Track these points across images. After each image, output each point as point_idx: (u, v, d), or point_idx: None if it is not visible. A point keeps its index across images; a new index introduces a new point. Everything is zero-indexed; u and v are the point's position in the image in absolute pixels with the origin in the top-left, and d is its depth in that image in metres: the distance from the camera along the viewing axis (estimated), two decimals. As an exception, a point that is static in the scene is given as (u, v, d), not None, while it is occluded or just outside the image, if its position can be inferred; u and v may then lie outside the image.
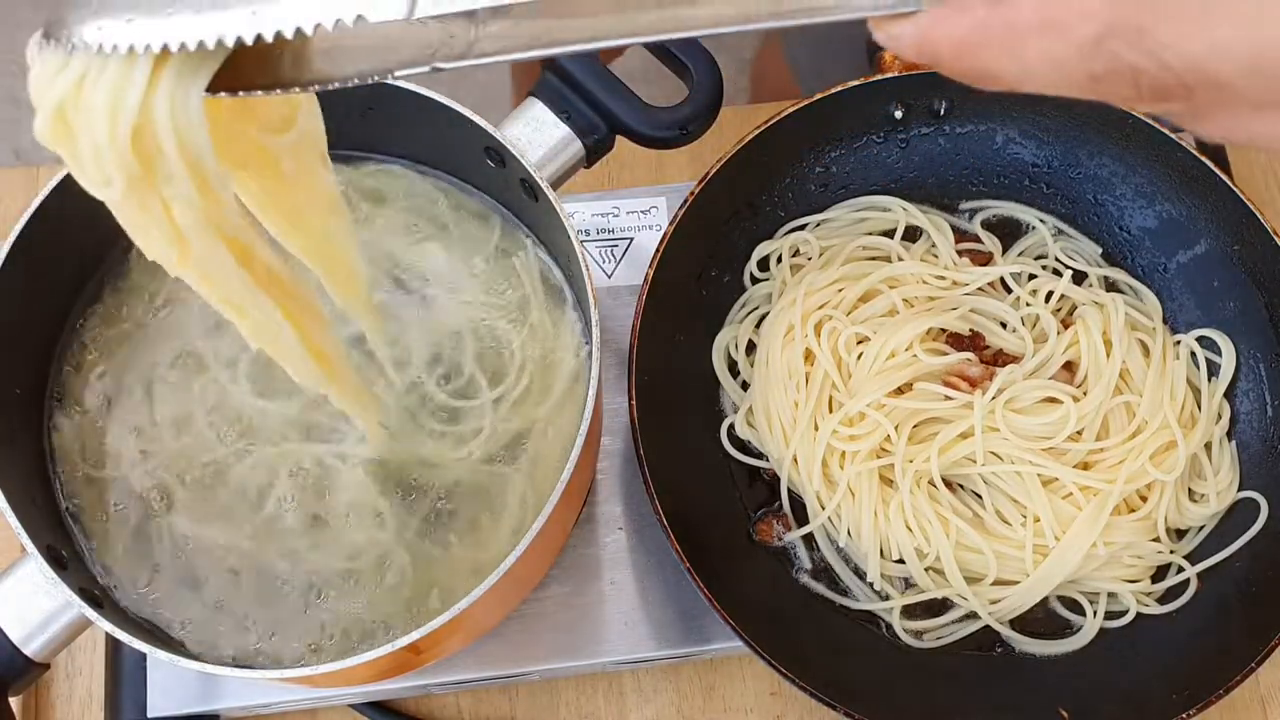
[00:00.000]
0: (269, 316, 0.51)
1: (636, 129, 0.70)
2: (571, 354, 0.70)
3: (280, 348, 0.54)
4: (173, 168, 0.42)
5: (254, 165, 0.49)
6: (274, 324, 0.52)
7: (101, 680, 0.78)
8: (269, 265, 0.50)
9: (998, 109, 0.85)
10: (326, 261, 0.56)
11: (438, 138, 0.70)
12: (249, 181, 0.50)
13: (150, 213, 0.44)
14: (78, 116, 0.41)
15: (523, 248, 0.73)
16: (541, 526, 0.59)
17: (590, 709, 0.80)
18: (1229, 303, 0.82)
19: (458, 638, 0.69)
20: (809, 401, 0.78)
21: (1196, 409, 0.81)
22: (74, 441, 0.68)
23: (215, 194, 0.44)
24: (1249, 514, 0.79)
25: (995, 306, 0.81)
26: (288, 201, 0.52)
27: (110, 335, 0.70)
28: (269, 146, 0.49)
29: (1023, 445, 0.76)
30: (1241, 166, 0.95)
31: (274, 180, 0.50)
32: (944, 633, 0.77)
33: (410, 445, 0.68)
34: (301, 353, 0.54)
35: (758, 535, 0.79)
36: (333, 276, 0.57)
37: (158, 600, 0.66)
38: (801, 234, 0.85)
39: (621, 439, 0.81)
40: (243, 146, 0.48)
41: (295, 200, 0.52)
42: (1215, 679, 0.71)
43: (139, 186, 0.43)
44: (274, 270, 0.50)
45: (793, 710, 0.80)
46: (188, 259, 0.46)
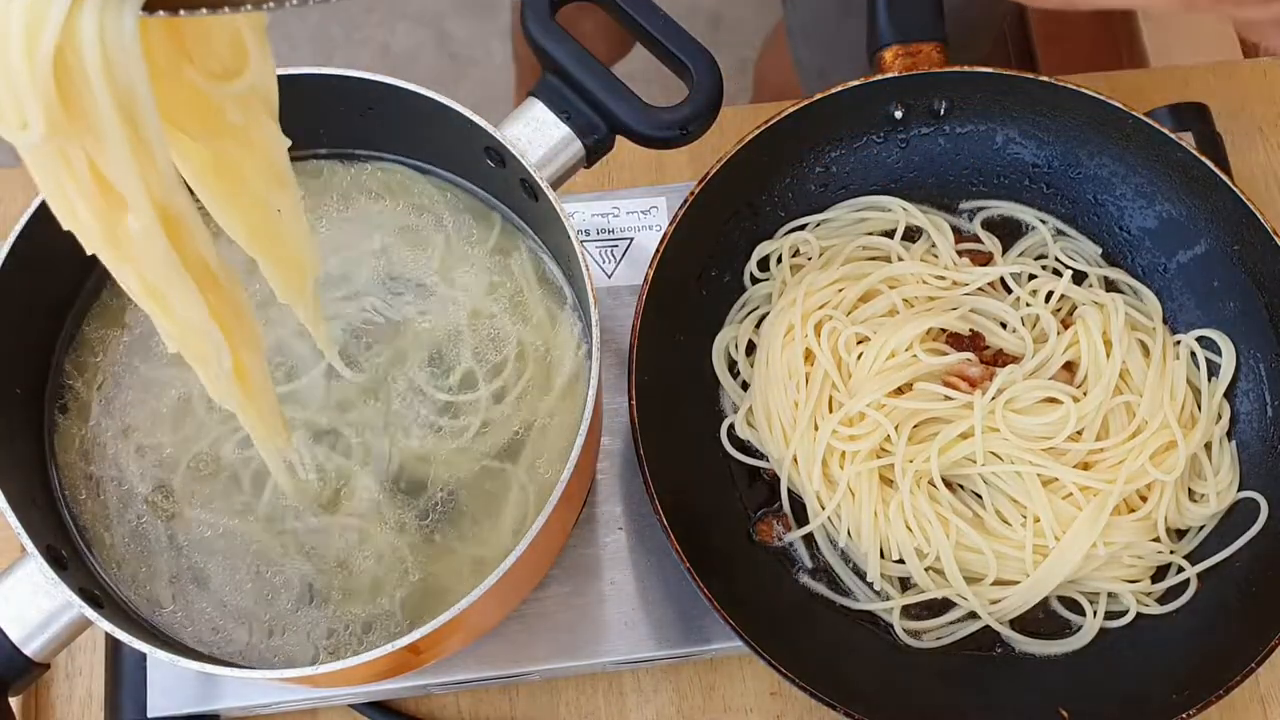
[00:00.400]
0: (196, 315, 0.44)
1: (636, 129, 0.70)
2: (571, 354, 0.70)
3: (202, 352, 0.47)
4: (101, 108, 0.36)
5: (195, 121, 0.42)
6: (200, 324, 0.45)
7: (101, 680, 0.78)
8: (202, 254, 0.43)
9: (998, 109, 0.85)
10: (270, 245, 0.49)
11: (438, 138, 0.70)
12: (189, 147, 0.43)
13: (72, 168, 0.38)
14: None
15: (522, 247, 0.73)
16: (541, 526, 0.59)
17: (590, 709, 0.80)
18: (1229, 303, 0.82)
19: (458, 638, 0.69)
20: (809, 401, 0.78)
21: (1196, 409, 0.81)
22: (74, 441, 0.68)
23: (149, 149, 0.38)
24: (1249, 514, 0.79)
25: (995, 306, 0.81)
26: (230, 167, 0.45)
27: (110, 335, 0.70)
28: (212, 95, 0.42)
29: (1023, 445, 0.76)
30: (1241, 166, 0.95)
31: (214, 138, 0.44)
32: (944, 633, 0.77)
33: (410, 444, 0.68)
34: (226, 365, 0.48)
35: (758, 535, 0.79)
36: (276, 263, 0.50)
37: (157, 600, 0.66)
38: (801, 234, 0.85)
39: (621, 439, 0.81)
40: (182, 97, 0.41)
41: (238, 166, 0.45)
42: (1215, 679, 0.71)
43: (61, 131, 0.36)
44: (207, 260, 0.44)
45: (793, 710, 0.80)
46: (114, 232, 0.40)
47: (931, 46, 0.83)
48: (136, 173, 0.38)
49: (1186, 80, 1.00)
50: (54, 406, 0.69)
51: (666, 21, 0.72)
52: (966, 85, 0.84)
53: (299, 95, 0.67)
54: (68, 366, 0.70)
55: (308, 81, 0.67)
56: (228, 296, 0.46)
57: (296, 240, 0.50)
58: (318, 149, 0.73)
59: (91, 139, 0.37)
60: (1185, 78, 1.00)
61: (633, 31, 0.72)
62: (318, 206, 0.73)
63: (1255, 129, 0.98)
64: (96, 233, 0.40)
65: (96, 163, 0.38)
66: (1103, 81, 0.96)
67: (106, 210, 0.40)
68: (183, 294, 0.43)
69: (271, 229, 0.49)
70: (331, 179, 0.74)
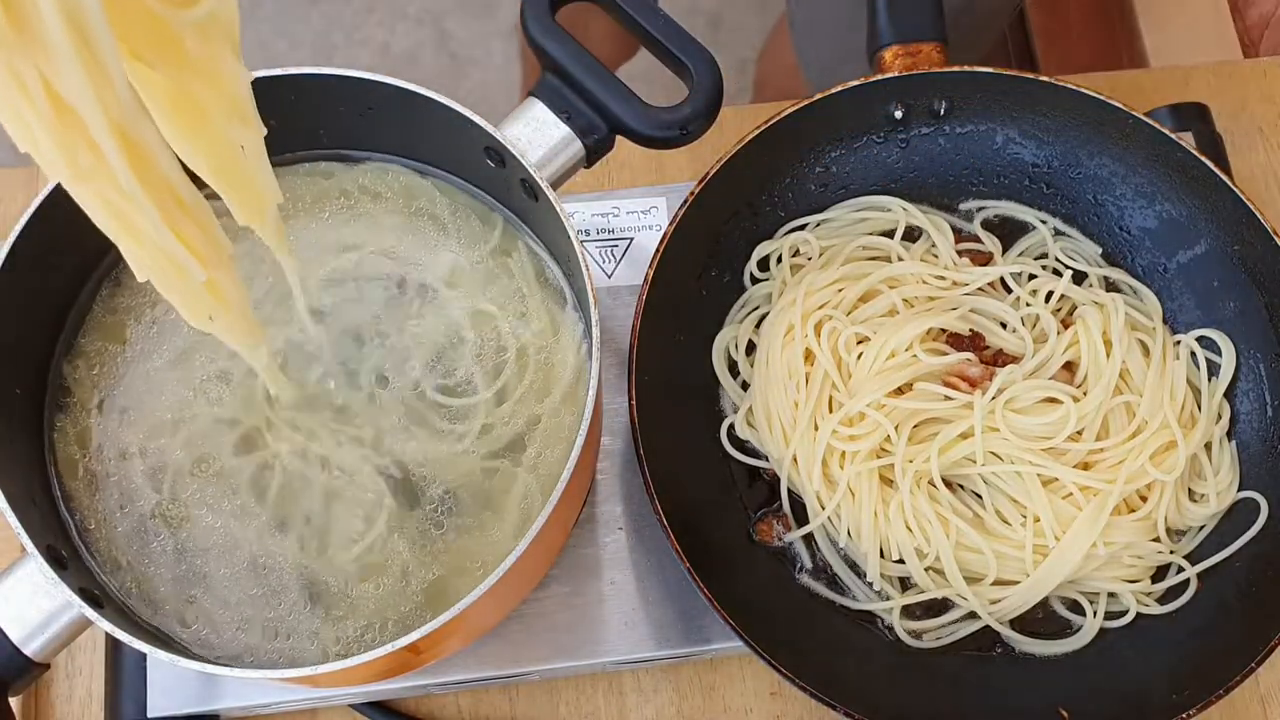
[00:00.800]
0: (163, 237, 0.43)
1: (636, 129, 0.70)
2: (571, 354, 0.70)
3: (170, 276, 0.46)
4: (48, 19, 0.34)
5: (152, 48, 0.41)
6: (167, 246, 0.44)
7: (101, 680, 0.78)
8: (167, 176, 0.42)
9: (998, 109, 0.85)
10: (231, 178, 0.48)
11: (438, 138, 0.70)
12: (147, 76, 0.42)
13: (26, 88, 0.36)
14: None
15: (522, 248, 0.73)
16: (541, 527, 0.59)
17: (590, 709, 0.80)
18: (1229, 303, 0.82)
19: (458, 638, 0.69)
20: (809, 401, 0.78)
21: (1196, 409, 0.81)
22: (74, 441, 0.68)
23: (102, 65, 0.37)
24: (1249, 514, 0.79)
25: (995, 306, 0.81)
26: (192, 103, 0.44)
27: (110, 335, 0.70)
28: (170, 22, 0.41)
29: (1023, 445, 0.76)
30: (1241, 166, 0.95)
31: (177, 70, 0.42)
32: (944, 633, 0.77)
33: (411, 444, 0.68)
34: (199, 280, 0.47)
35: (758, 535, 0.79)
36: (237, 197, 0.50)
37: (158, 600, 0.66)
38: (801, 234, 0.85)
39: (621, 439, 0.81)
40: (138, 20, 0.40)
41: (201, 102, 0.44)
42: (1215, 679, 0.71)
43: (7, 44, 0.35)
44: (170, 182, 0.43)
45: (793, 710, 0.80)
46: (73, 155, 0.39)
47: (931, 46, 0.83)
48: (91, 91, 0.37)
49: (1186, 80, 1.00)
50: (54, 406, 0.69)
51: (666, 22, 0.72)
52: (966, 85, 0.84)
53: (299, 95, 0.67)
54: (68, 366, 0.70)
55: (308, 81, 0.67)
56: (193, 216, 0.45)
57: (257, 176, 0.49)
58: (318, 149, 0.73)
59: (42, 54, 0.35)
60: (1185, 78, 1.00)
61: (633, 32, 0.72)
62: (318, 207, 0.73)
63: (1255, 129, 0.98)
64: (56, 156, 0.39)
65: (51, 82, 0.36)
66: (1103, 81, 0.96)
67: (64, 132, 0.38)
68: (147, 217, 0.42)
69: (233, 164, 0.48)
70: (331, 179, 0.74)
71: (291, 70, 0.66)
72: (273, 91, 0.66)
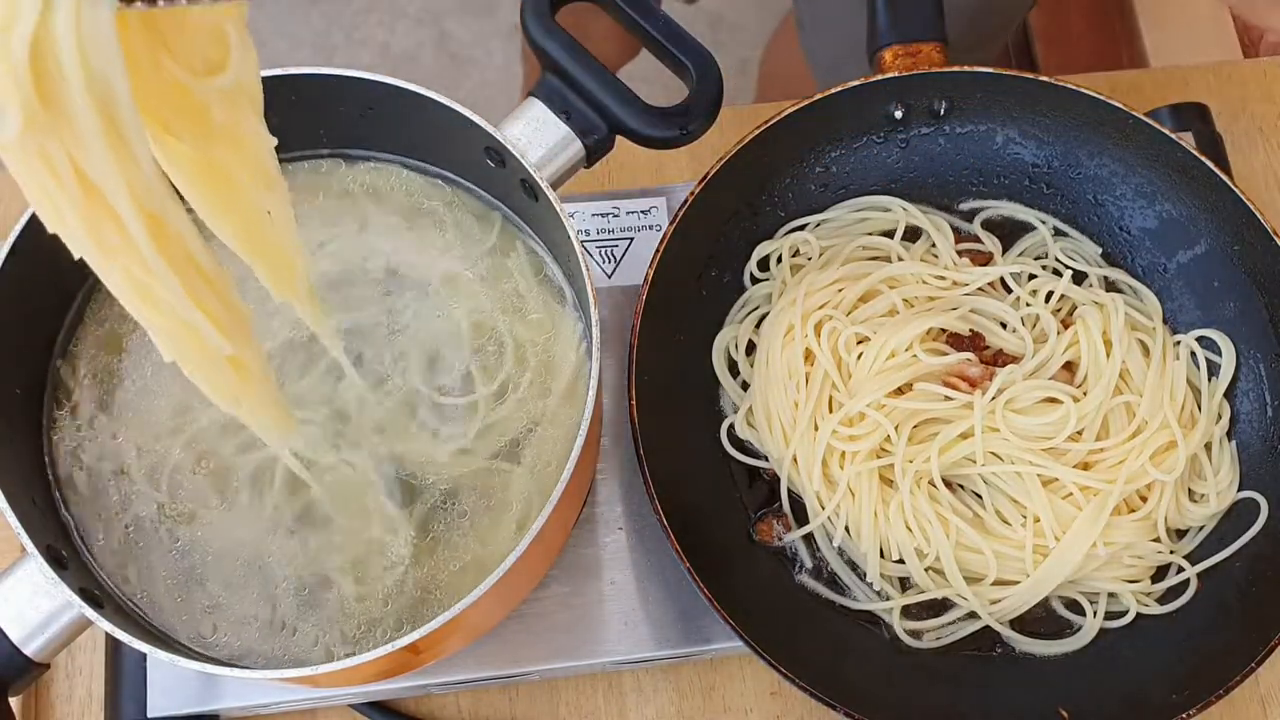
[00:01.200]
0: (187, 312, 0.43)
1: (636, 129, 0.70)
2: (571, 354, 0.70)
3: (193, 351, 0.46)
4: (77, 102, 0.35)
5: (178, 119, 0.42)
6: (190, 320, 0.44)
7: (101, 680, 0.78)
8: (191, 253, 0.42)
9: (998, 109, 0.85)
10: (259, 247, 0.48)
11: (438, 138, 0.70)
12: (173, 147, 0.43)
13: (54, 169, 0.37)
14: None
15: (522, 247, 0.73)
16: (541, 527, 0.59)
17: (590, 709, 0.80)
18: (1229, 303, 0.82)
19: (458, 638, 0.69)
20: (809, 401, 0.78)
21: (1196, 409, 0.81)
22: (73, 441, 0.68)
23: (129, 146, 0.37)
24: (1249, 514, 0.79)
25: (995, 306, 0.81)
26: (218, 170, 0.44)
27: (109, 335, 0.70)
28: (194, 91, 0.41)
29: (1023, 445, 0.76)
30: (1241, 166, 0.95)
31: (203, 140, 0.43)
32: (944, 633, 0.77)
33: (410, 444, 0.68)
34: (223, 354, 0.47)
35: (758, 535, 0.79)
36: (267, 265, 0.50)
37: (157, 600, 0.66)
38: (801, 234, 0.85)
39: (621, 439, 0.81)
40: (164, 91, 0.40)
41: (226, 169, 0.45)
42: (1215, 679, 0.71)
43: (38, 127, 0.35)
44: (194, 256, 0.43)
45: (793, 710, 0.80)
46: (99, 234, 0.39)
47: (931, 46, 0.83)
48: (117, 170, 0.37)
49: (1186, 80, 1.00)
50: (54, 406, 0.69)
51: (667, 22, 0.72)
52: (966, 85, 0.84)
53: (299, 95, 0.67)
54: (67, 366, 0.70)
55: (308, 81, 0.67)
56: (218, 292, 0.45)
57: (285, 241, 0.49)
58: (318, 149, 0.73)
59: (70, 135, 0.36)
60: (1185, 78, 1.00)
61: (633, 32, 0.72)
62: (318, 206, 0.73)
63: (1255, 129, 0.98)
64: (82, 235, 0.39)
65: (78, 162, 0.37)
66: (1103, 81, 0.96)
67: (91, 212, 0.39)
68: (170, 291, 0.42)
69: (261, 231, 0.48)
70: (331, 179, 0.74)
71: (291, 70, 0.66)
72: (273, 91, 0.66)
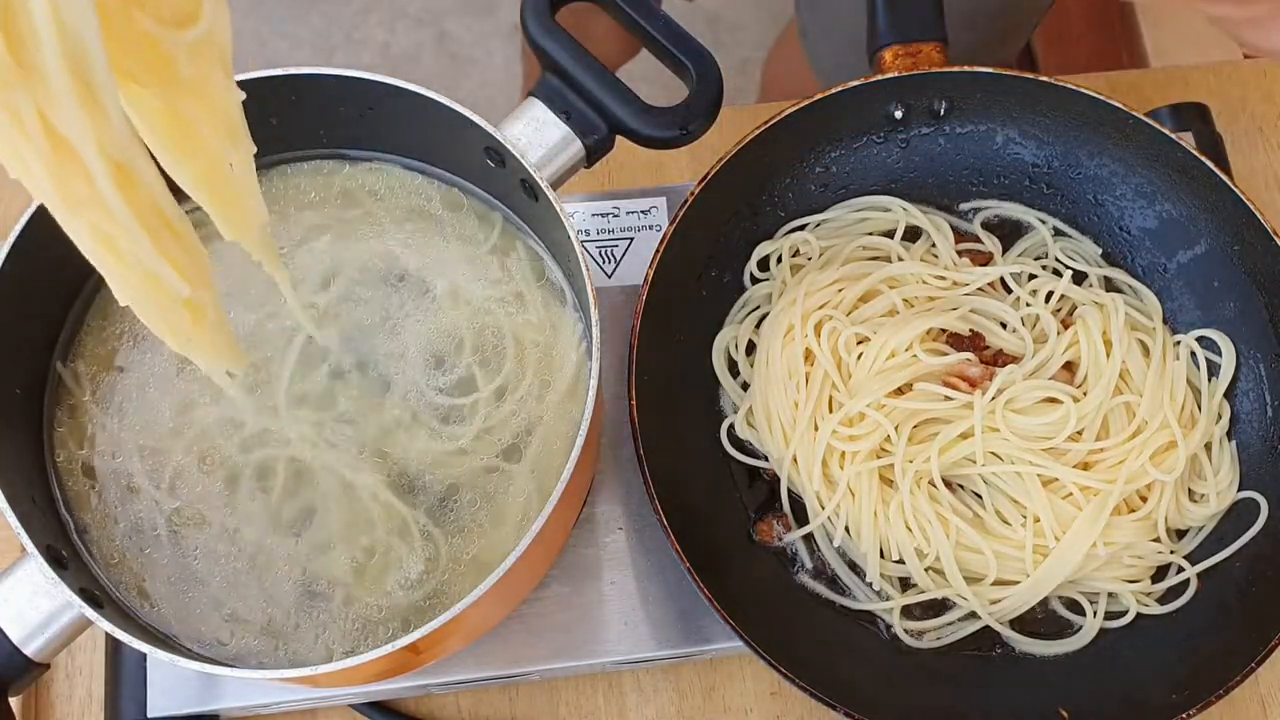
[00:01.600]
0: (150, 260, 0.43)
1: (636, 129, 0.70)
2: (571, 354, 0.70)
3: (151, 294, 0.46)
4: (48, 56, 0.35)
5: (145, 69, 0.41)
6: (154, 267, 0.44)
7: (101, 680, 0.78)
8: (155, 197, 0.42)
9: (998, 109, 0.85)
10: (219, 195, 0.48)
11: (438, 137, 0.70)
12: (140, 95, 0.43)
13: (21, 121, 0.37)
14: None
15: (522, 247, 0.73)
16: (541, 527, 0.59)
17: (590, 709, 0.80)
18: (1229, 303, 0.82)
19: (458, 638, 0.69)
20: (809, 401, 0.78)
21: (1196, 409, 0.81)
22: (74, 441, 0.68)
23: (99, 100, 0.37)
24: (1249, 514, 0.79)
25: (995, 306, 0.81)
26: (184, 122, 0.44)
27: (110, 334, 0.70)
28: (164, 43, 0.41)
29: (1023, 445, 0.76)
30: (1241, 166, 0.95)
31: (170, 90, 0.43)
32: (944, 633, 0.77)
33: (410, 443, 0.68)
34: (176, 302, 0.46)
35: (758, 535, 0.79)
36: (224, 213, 0.50)
37: (158, 599, 0.66)
38: (801, 234, 0.85)
39: (622, 439, 0.81)
40: (133, 42, 0.40)
41: (193, 121, 0.44)
42: (1215, 679, 0.71)
43: (9, 82, 0.35)
44: (158, 203, 0.43)
45: (793, 710, 0.80)
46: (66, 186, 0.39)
47: (931, 46, 0.83)
48: (87, 124, 0.37)
49: (1186, 80, 1.00)
50: (54, 406, 0.69)
51: (667, 22, 0.72)
52: (966, 85, 0.84)
53: (299, 95, 0.67)
54: (67, 366, 0.70)
55: (308, 81, 0.67)
56: (179, 235, 0.45)
57: (246, 194, 0.49)
58: (318, 149, 0.73)
59: (42, 90, 0.36)
60: (1185, 78, 1.00)
61: (633, 32, 0.72)
62: (318, 206, 0.73)
63: (1255, 129, 0.98)
64: (49, 187, 0.39)
65: (46, 115, 0.37)
66: (1103, 81, 0.96)
67: (58, 164, 0.38)
68: (135, 242, 0.42)
69: (222, 181, 0.48)
70: (331, 179, 0.74)
71: (291, 70, 0.66)
72: (273, 91, 0.66)
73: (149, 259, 0.43)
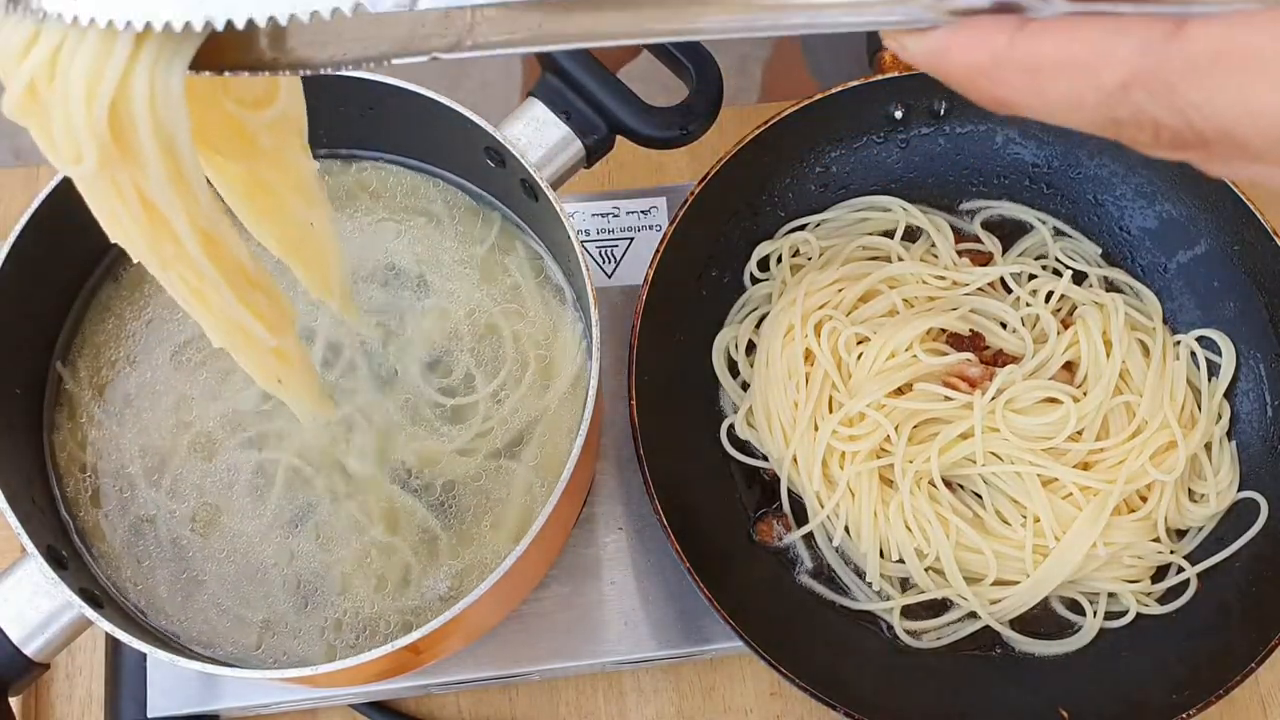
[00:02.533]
0: (235, 311, 0.49)
1: (636, 129, 0.70)
2: (571, 354, 0.70)
3: (240, 342, 0.51)
4: (146, 148, 0.41)
5: (229, 143, 0.47)
6: (237, 319, 0.49)
7: (101, 680, 0.78)
8: (241, 262, 0.48)
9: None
10: (302, 255, 0.54)
11: (438, 137, 0.70)
12: (224, 165, 0.48)
13: (122, 194, 0.43)
14: (52, 91, 0.39)
15: (521, 247, 0.73)
16: (541, 526, 0.59)
17: (590, 709, 0.80)
18: (1229, 303, 0.82)
19: (458, 638, 0.69)
20: (809, 401, 0.78)
21: (1196, 409, 0.81)
22: (73, 441, 0.68)
23: (187, 180, 0.43)
24: (1249, 514, 0.79)
25: (995, 307, 0.81)
26: (264, 187, 0.50)
27: (110, 334, 0.70)
28: (246, 123, 0.47)
29: (1023, 445, 0.76)
30: (1241, 166, 0.95)
31: (251, 161, 0.49)
32: (944, 633, 0.77)
33: (410, 443, 0.68)
34: (269, 346, 0.52)
35: (758, 535, 0.79)
36: (309, 271, 0.55)
37: (158, 600, 0.66)
38: (801, 234, 0.85)
39: (621, 439, 0.81)
40: (218, 122, 0.46)
41: (272, 186, 0.50)
42: (1215, 679, 0.71)
43: (110, 165, 0.41)
44: (242, 263, 0.48)
45: (793, 710, 0.80)
46: (158, 247, 0.45)
47: (932, 46, 0.82)
48: (176, 199, 0.43)
49: (1186, 80, 1.00)
50: (54, 407, 0.69)
51: (666, 21, 0.72)
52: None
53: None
54: (67, 366, 0.70)
55: (308, 81, 0.66)
56: (264, 290, 0.50)
57: (325, 246, 0.54)
58: (318, 149, 0.73)
59: (138, 170, 0.41)
60: (1185, 78, 1.00)
61: (633, 31, 0.72)
62: (318, 206, 0.73)
63: (1255, 129, 0.98)
64: (144, 248, 0.45)
65: (142, 190, 0.42)
66: (1103, 81, 0.96)
67: (151, 229, 0.44)
68: (221, 295, 0.48)
69: (301, 238, 0.53)
70: (331, 178, 0.74)
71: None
72: (273, 91, 0.66)
73: (233, 311, 0.49)
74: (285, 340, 0.53)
